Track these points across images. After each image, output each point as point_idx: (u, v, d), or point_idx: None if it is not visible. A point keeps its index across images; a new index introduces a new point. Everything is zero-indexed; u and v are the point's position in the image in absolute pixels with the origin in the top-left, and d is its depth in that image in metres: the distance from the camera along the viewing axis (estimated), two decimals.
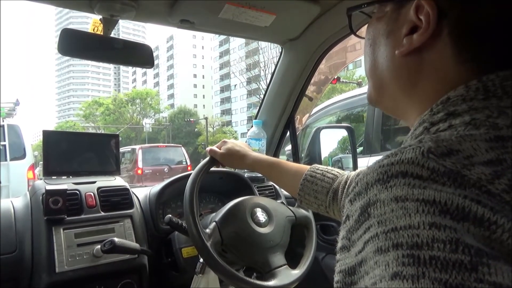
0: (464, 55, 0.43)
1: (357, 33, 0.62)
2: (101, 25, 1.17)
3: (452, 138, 0.35)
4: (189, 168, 12.15)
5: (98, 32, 1.22)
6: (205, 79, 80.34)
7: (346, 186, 0.89)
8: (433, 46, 0.45)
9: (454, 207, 0.30)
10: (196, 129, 48.87)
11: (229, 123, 64.42)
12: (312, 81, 1.60)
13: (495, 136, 0.35)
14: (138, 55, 1.25)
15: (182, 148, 13.52)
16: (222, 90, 72.65)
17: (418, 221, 0.30)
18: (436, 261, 0.27)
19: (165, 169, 11.98)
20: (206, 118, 39.59)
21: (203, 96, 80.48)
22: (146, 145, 15.38)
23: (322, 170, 0.96)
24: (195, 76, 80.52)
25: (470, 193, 0.31)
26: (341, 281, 0.36)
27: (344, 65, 1.92)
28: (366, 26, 0.59)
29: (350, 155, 1.62)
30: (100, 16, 1.16)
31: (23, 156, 5.29)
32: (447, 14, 0.43)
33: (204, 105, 78.80)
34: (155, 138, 49.82)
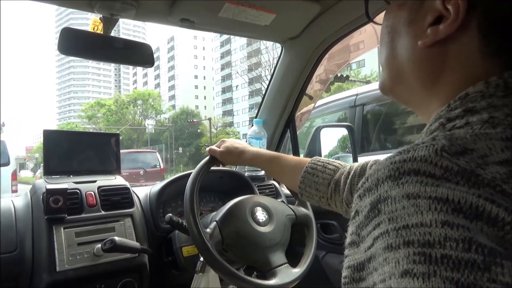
0: (491, 48, 0.42)
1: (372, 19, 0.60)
2: (101, 24, 1.18)
3: (467, 137, 0.35)
4: (162, 171, 13.82)
5: (98, 32, 1.22)
6: (206, 80, 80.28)
7: (350, 176, 0.88)
8: (459, 38, 0.43)
9: (467, 206, 0.30)
10: (198, 130, 48.77)
11: (231, 124, 64.26)
12: (313, 79, 1.60)
13: None
14: (138, 54, 1.25)
15: (157, 153, 14.99)
16: (224, 91, 72.63)
17: (430, 219, 0.30)
18: (448, 260, 0.27)
19: (140, 172, 12.83)
20: (209, 119, 39.47)
21: (204, 97, 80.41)
22: (125, 150, 17.03)
23: (323, 162, 0.96)
24: (196, 77, 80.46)
25: (484, 193, 0.30)
26: (349, 277, 0.36)
27: (344, 65, 1.92)
28: (379, 15, 0.57)
29: (349, 154, 1.62)
30: (100, 15, 1.16)
31: (7, 163, 6.79)
32: (477, 5, 0.42)
33: (205, 106, 78.74)
34: (157, 139, 49.64)
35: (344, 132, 1.64)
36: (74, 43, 1.14)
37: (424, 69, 0.48)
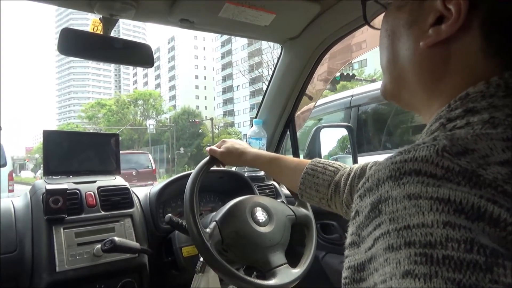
0: (493, 48, 0.42)
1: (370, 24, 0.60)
2: (101, 24, 1.18)
3: (468, 137, 0.35)
4: (154, 172, 14.95)
5: (98, 32, 1.22)
6: (207, 80, 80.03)
7: (350, 178, 0.88)
8: (461, 38, 0.43)
9: (469, 207, 0.30)
10: (200, 130, 48.50)
11: (232, 124, 64.02)
12: (314, 78, 1.60)
13: None
14: (138, 55, 1.25)
15: (149, 154, 16.18)
16: (225, 91, 72.48)
17: (431, 219, 0.29)
18: (449, 261, 0.27)
19: (133, 173, 13.53)
20: (211, 119, 39.28)
21: (205, 97, 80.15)
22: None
23: (323, 164, 0.96)
24: (196, 77, 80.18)
25: (486, 193, 0.30)
26: (349, 277, 0.36)
27: (345, 64, 1.92)
28: (378, 17, 0.57)
29: (347, 155, 1.62)
30: (100, 16, 1.16)
31: (4, 164, 7.39)
32: (479, 5, 0.42)
33: (206, 107, 78.46)
34: (158, 139, 49.18)
35: (344, 132, 1.64)
36: (74, 44, 1.14)
37: (426, 70, 0.48)
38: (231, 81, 69.57)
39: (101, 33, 1.19)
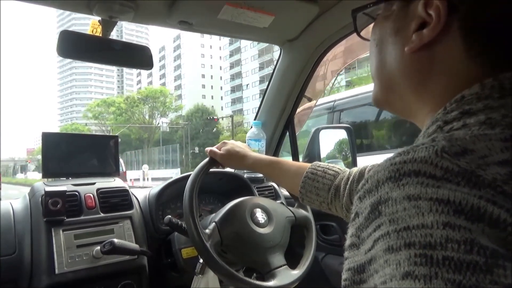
0: (475, 50, 0.43)
1: (361, 34, 0.62)
2: (100, 26, 1.18)
3: (467, 138, 0.35)
4: (124, 174, 16.67)
5: (97, 34, 1.22)
6: (214, 79, 79.13)
7: (349, 182, 0.88)
8: (443, 41, 0.44)
9: (469, 207, 0.29)
10: (214, 130, 47.57)
11: (241, 123, 63.48)
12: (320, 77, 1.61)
13: (511, 135, 0.34)
14: (137, 57, 1.24)
15: (120, 159, 18.51)
16: (233, 90, 71.72)
17: (431, 220, 0.29)
18: (449, 262, 0.27)
19: None
20: (231, 116, 38.61)
21: (212, 97, 79.21)
22: None
23: (323, 167, 0.96)
24: (203, 76, 79.07)
25: (485, 194, 0.30)
26: (349, 279, 0.36)
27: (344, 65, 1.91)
28: (369, 27, 0.58)
29: (337, 159, 1.61)
30: (99, 18, 1.16)
31: None
32: (458, 8, 0.43)
33: (212, 106, 77.79)
34: (169, 139, 47.69)
35: (343, 133, 1.63)
36: (73, 46, 1.14)
37: (412, 75, 0.49)
38: (240, 79, 68.85)
39: (101, 35, 1.19)
